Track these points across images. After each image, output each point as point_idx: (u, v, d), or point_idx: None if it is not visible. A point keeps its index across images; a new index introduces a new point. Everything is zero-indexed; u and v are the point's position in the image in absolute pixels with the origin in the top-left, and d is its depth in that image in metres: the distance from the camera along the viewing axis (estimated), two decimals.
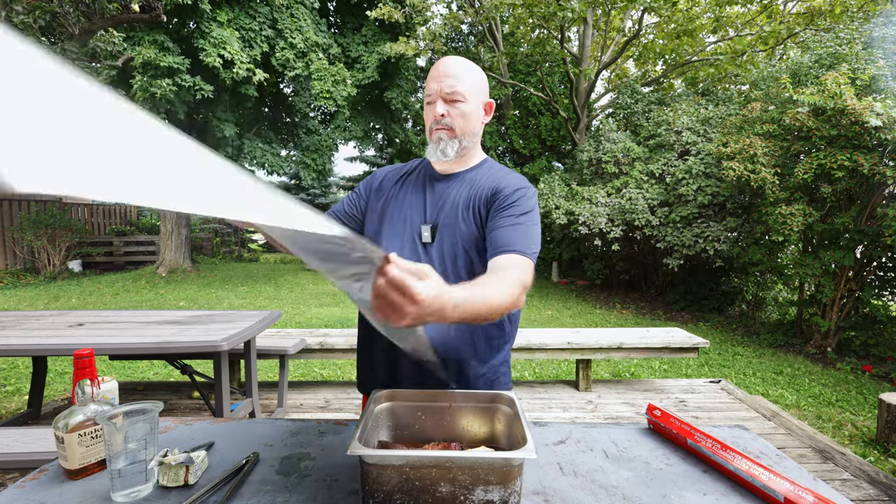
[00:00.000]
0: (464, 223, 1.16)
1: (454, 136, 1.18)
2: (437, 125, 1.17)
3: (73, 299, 7.94)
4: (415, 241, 1.19)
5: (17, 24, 4.02)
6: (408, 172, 1.30)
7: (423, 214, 1.21)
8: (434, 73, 1.18)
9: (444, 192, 1.21)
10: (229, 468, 0.90)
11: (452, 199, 1.20)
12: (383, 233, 1.23)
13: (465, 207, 1.17)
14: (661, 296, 8.37)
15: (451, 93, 1.15)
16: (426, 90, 1.20)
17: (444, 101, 1.16)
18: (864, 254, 5.32)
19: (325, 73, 8.62)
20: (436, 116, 1.16)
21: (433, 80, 1.17)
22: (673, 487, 0.87)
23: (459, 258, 1.15)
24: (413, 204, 1.23)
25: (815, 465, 2.56)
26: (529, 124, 13.09)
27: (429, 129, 1.21)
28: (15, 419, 2.86)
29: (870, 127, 4.47)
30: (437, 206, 1.20)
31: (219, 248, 14.72)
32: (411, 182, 1.27)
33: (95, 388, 0.91)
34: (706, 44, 11.08)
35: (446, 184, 1.22)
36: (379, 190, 1.29)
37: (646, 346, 3.60)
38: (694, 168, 6.82)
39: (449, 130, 1.17)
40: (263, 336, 3.43)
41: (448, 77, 1.15)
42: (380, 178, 1.32)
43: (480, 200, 1.17)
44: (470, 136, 1.20)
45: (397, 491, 0.77)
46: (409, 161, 1.36)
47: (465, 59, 1.20)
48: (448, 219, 1.18)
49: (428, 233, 1.18)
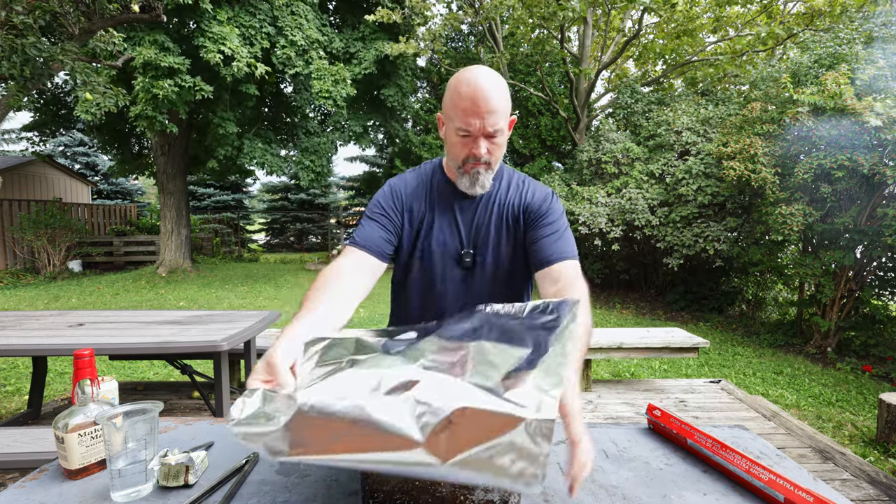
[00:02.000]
0: (504, 244, 1.21)
1: (490, 168, 1.14)
2: (474, 160, 1.11)
3: (73, 299, 7.94)
4: (456, 267, 1.22)
5: (18, 23, 4.02)
6: (429, 190, 1.23)
7: (459, 239, 1.21)
8: (471, 105, 1.04)
9: (475, 214, 1.21)
10: (229, 468, 0.90)
11: (485, 221, 1.21)
12: (424, 260, 1.22)
13: (497, 228, 1.21)
14: (661, 296, 8.37)
15: (495, 131, 1.07)
16: (458, 119, 1.07)
17: (485, 137, 1.08)
18: (864, 254, 5.32)
19: (325, 73, 8.62)
20: (476, 154, 1.09)
21: (472, 115, 1.05)
22: (673, 487, 0.87)
23: (500, 277, 1.23)
24: (445, 227, 1.21)
25: (815, 465, 2.56)
26: (529, 124, 13.09)
27: (460, 161, 1.13)
28: (15, 419, 2.86)
29: (870, 127, 4.47)
30: (471, 230, 1.21)
31: (219, 248, 14.72)
32: (436, 202, 1.22)
33: (95, 388, 0.91)
34: (706, 44, 11.08)
35: (472, 203, 1.22)
36: (410, 211, 1.22)
37: (646, 346, 3.60)
38: (694, 168, 6.82)
39: (487, 165, 1.13)
40: (263, 336, 3.43)
41: (491, 114, 1.05)
42: (403, 195, 1.22)
43: (511, 218, 1.21)
44: (500, 159, 1.17)
45: (397, 491, 0.77)
46: (419, 169, 1.28)
47: (495, 77, 1.07)
48: (486, 242, 1.21)
49: (469, 259, 1.21)
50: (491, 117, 1.05)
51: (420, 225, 1.22)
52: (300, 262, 14.26)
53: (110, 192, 19.22)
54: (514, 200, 1.21)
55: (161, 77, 7.63)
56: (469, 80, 1.05)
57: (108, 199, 19.02)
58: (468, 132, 1.07)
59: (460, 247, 1.22)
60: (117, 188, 19.31)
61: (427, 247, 1.22)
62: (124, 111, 8.30)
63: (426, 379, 0.64)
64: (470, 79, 1.05)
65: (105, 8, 4.63)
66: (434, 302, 1.25)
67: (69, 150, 18.18)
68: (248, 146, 9.63)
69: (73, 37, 4.60)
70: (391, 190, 1.23)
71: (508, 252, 1.22)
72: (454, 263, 1.22)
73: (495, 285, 1.23)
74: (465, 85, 1.04)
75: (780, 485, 0.79)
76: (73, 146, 18.27)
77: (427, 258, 1.23)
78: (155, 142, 10.30)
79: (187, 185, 11.27)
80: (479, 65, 1.10)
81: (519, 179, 1.25)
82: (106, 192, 19.05)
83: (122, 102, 5.25)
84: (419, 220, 1.22)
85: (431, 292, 1.25)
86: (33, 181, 12.55)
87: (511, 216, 1.21)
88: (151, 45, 7.62)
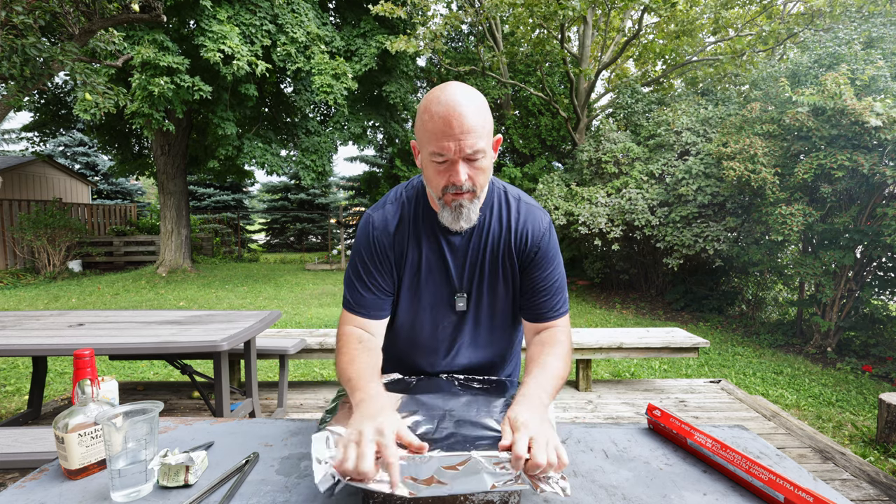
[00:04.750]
0: (501, 284, 1.12)
1: (475, 197, 1.00)
2: (455, 190, 0.97)
3: (73, 299, 7.94)
4: (450, 313, 1.14)
5: (18, 23, 4.02)
6: (412, 225, 1.10)
7: (450, 281, 1.11)
8: (444, 125, 0.92)
9: (467, 253, 1.10)
10: (229, 468, 0.90)
11: (479, 259, 1.11)
12: (413, 306, 1.14)
13: (493, 266, 1.11)
14: (660, 296, 8.37)
15: (474, 152, 0.94)
16: (432, 143, 0.94)
17: (464, 160, 0.95)
18: (863, 254, 5.32)
19: (326, 67, 8.61)
20: (456, 182, 0.95)
21: (446, 137, 0.92)
22: (673, 487, 0.87)
23: (497, 317, 1.17)
24: (435, 269, 1.11)
25: (815, 465, 2.56)
26: (529, 124, 13.09)
27: (439, 192, 0.99)
28: (15, 419, 2.86)
29: (870, 127, 4.47)
30: (463, 271, 1.11)
31: (219, 248, 14.73)
32: (422, 240, 1.10)
33: (95, 388, 0.91)
34: (706, 44, 11.08)
35: (463, 239, 1.10)
36: (395, 252, 1.11)
37: (646, 346, 3.59)
38: (694, 168, 6.82)
39: (471, 194, 0.99)
40: (263, 336, 3.43)
41: (468, 133, 0.92)
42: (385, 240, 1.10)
43: (506, 254, 1.11)
44: (486, 186, 1.04)
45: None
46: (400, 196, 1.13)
47: (470, 93, 0.95)
48: (481, 284, 1.12)
49: (463, 302, 1.12)
50: (468, 138, 0.92)
51: (405, 268, 1.11)
52: (300, 263, 14.26)
53: (110, 192, 19.23)
54: (510, 235, 1.10)
55: (158, 75, 7.63)
56: (440, 99, 0.93)
57: (108, 199, 19.04)
58: (444, 157, 0.94)
59: (452, 291, 1.12)
60: (117, 188, 19.33)
61: (416, 292, 1.12)
62: (123, 110, 8.30)
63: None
64: (441, 97, 0.93)
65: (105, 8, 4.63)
66: (425, 346, 1.17)
67: (69, 150, 18.18)
68: (248, 146, 9.63)
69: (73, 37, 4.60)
70: (372, 234, 1.10)
71: (505, 291, 1.13)
72: (448, 309, 1.13)
73: (493, 324, 1.17)
74: (437, 105, 0.93)
75: (780, 485, 0.79)
76: (73, 146, 18.28)
77: (416, 305, 1.13)
78: (155, 142, 10.31)
79: (187, 185, 11.27)
80: (452, 81, 1.00)
81: (514, 206, 1.12)
82: (106, 192, 19.06)
83: (122, 102, 5.25)
84: (405, 262, 1.11)
85: (422, 335, 1.16)
86: (33, 181, 12.55)
87: (506, 253, 1.11)
88: (150, 45, 7.62)
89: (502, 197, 1.13)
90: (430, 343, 1.17)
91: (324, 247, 19.58)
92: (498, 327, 1.18)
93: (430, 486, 0.73)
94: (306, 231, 20.05)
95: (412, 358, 1.20)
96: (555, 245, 1.14)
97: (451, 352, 1.18)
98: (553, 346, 1.06)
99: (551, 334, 1.10)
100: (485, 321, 1.16)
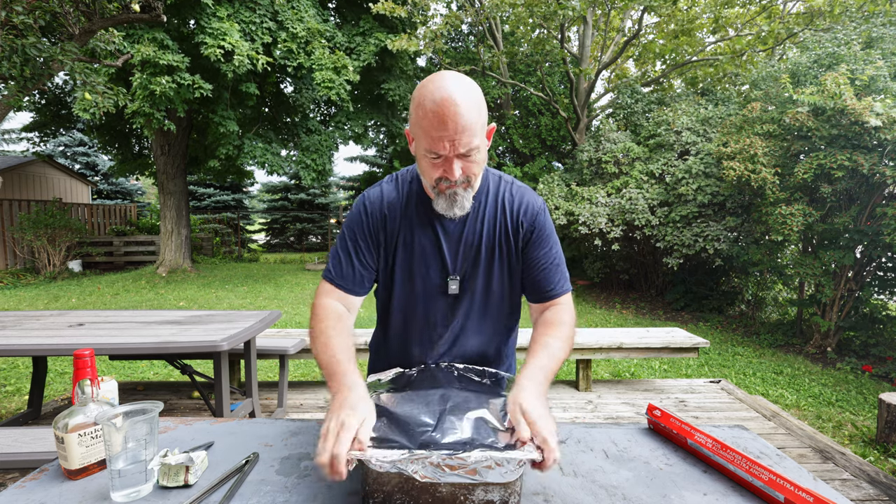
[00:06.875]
0: (497, 268, 1.13)
1: (469, 186, 1.02)
2: (448, 182, 0.99)
3: (73, 299, 7.94)
4: (442, 297, 1.13)
5: (18, 23, 4.01)
6: (405, 205, 1.11)
7: (443, 265, 1.11)
8: (438, 124, 0.91)
9: (461, 236, 1.11)
10: (229, 468, 0.90)
11: (473, 243, 1.11)
12: (405, 288, 1.14)
13: (489, 250, 1.11)
14: (661, 296, 8.37)
15: (469, 150, 0.95)
16: (426, 140, 0.95)
17: (459, 158, 0.96)
18: (863, 254, 5.32)
19: (327, 62, 8.60)
20: (451, 178, 0.97)
21: (440, 136, 0.92)
22: (673, 487, 0.87)
23: (492, 302, 1.17)
24: (427, 251, 1.11)
25: (815, 465, 2.56)
26: (529, 124, 13.09)
27: (433, 182, 1.01)
28: (15, 419, 2.86)
29: (870, 127, 4.47)
30: (457, 255, 1.11)
31: (219, 248, 14.73)
32: (415, 221, 1.10)
33: (95, 388, 0.91)
34: (706, 44, 11.08)
35: (457, 223, 1.11)
36: (386, 230, 1.11)
37: (646, 346, 3.59)
38: (694, 168, 6.82)
39: (465, 184, 1.01)
40: (263, 336, 3.43)
41: (462, 133, 0.92)
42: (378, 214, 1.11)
43: (503, 237, 1.12)
44: (480, 174, 1.06)
45: (397, 491, 0.77)
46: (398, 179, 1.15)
47: (464, 86, 0.94)
48: (475, 268, 1.12)
49: (456, 286, 1.12)
50: (463, 137, 0.92)
51: (398, 247, 1.11)
52: (300, 263, 14.25)
53: (110, 192, 19.23)
54: (505, 217, 1.11)
55: (159, 74, 7.63)
56: (434, 95, 0.91)
57: (108, 199, 19.04)
58: (438, 155, 0.95)
59: (445, 274, 1.11)
60: (117, 188, 19.33)
61: (408, 273, 1.12)
62: (123, 109, 8.30)
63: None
64: (435, 93, 0.91)
65: (105, 8, 4.62)
66: (419, 332, 1.17)
67: (69, 150, 18.19)
68: (249, 146, 9.63)
69: (73, 37, 4.59)
70: (365, 209, 1.11)
71: (500, 275, 1.14)
72: (439, 293, 1.13)
73: (487, 311, 1.17)
74: (430, 100, 0.91)
75: (780, 485, 0.79)
76: (73, 146, 18.28)
77: (408, 286, 1.13)
78: (155, 141, 10.31)
79: (187, 185, 11.27)
80: (445, 71, 0.97)
81: (507, 189, 1.14)
82: (106, 192, 19.06)
83: (122, 102, 5.25)
84: (397, 240, 1.11)
85: (415, 320, 1.16)
86: (33, 181, 12.55)
87: (502, 236, 1.11)
88: (150, 43, 7.62)
89: (498, 182, 1.15)
90: (424, 328, 1.17)
91: (324, 247, 19.58)
92: (491, 315, 1.18)
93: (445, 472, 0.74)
94: (306, 231, 20.04)
95: (407, 345, 1.20)
96: (550, 225, 1.16)
97: (443, 338, 1.17)
98: (556, 328, 1.07)
99: (555, 313, 1.11)
100: (478, 306, 1.16)
